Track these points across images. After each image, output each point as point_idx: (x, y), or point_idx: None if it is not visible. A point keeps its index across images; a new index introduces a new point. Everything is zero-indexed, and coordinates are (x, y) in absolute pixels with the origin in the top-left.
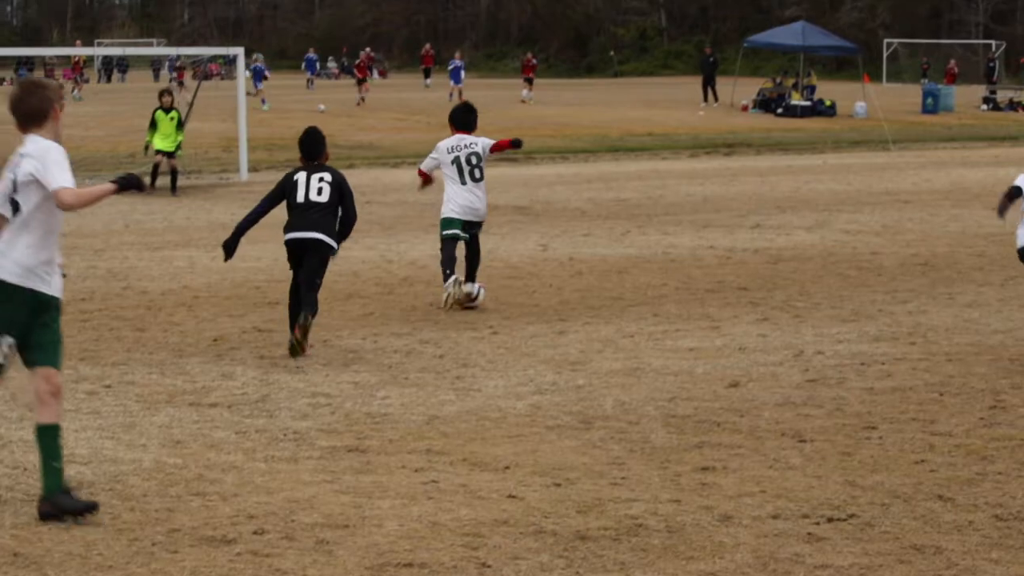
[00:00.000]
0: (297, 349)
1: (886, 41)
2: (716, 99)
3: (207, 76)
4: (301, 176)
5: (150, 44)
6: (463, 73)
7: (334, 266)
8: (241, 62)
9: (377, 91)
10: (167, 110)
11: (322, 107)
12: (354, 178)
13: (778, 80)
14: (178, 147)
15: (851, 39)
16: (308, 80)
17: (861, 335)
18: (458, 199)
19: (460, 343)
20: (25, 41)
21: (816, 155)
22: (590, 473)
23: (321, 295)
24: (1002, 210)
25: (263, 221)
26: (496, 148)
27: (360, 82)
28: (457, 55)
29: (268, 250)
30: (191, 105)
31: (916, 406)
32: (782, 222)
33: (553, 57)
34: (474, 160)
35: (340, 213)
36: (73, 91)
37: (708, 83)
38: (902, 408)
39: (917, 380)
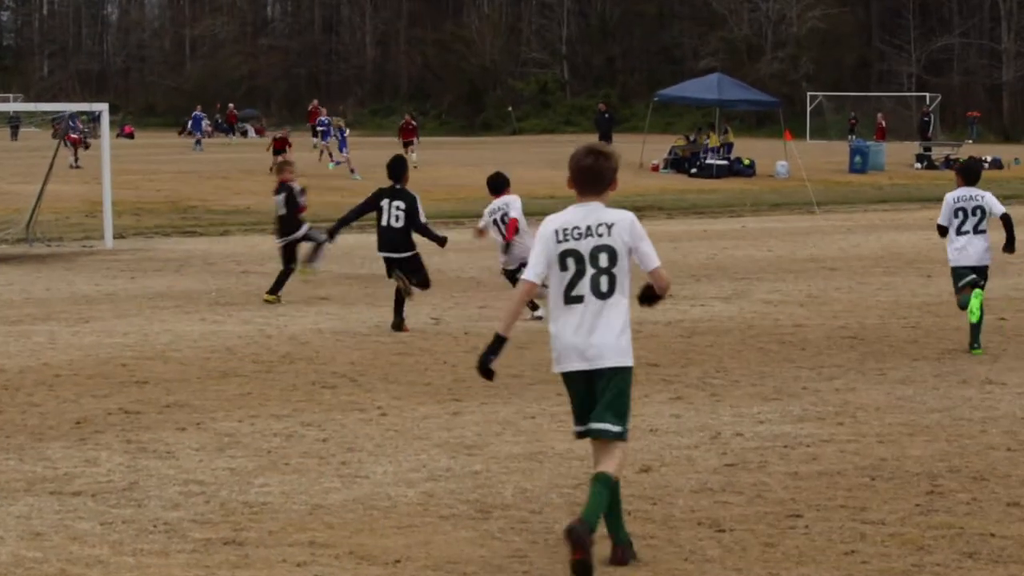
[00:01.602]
0: (406, 292)
1: (810, 94)
2: None
3: (83, 138)
4: (385, 202)
5: (6, 99)
6: (333, 132)
7: (206, 342)
8: (106, 118)
9: (250, 151)
10: None
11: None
12: (228, 245)
13: (692, 137)
14: None
15: (771, 92)
16: (196, 140)
17: (784, 415)
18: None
19: (345, 425)
20: None
21: (734, 219)
22: (488, 567)
23: (191, 374)
24: None
25: (129, 293)
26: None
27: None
28: (324, 111)
29: (135, 324)
30: (50, 166)
31: (845, 492)
32: (697, 292)
33: (446, 113)
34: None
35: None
36: None
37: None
38: (830, 495)
39: (846, 464)
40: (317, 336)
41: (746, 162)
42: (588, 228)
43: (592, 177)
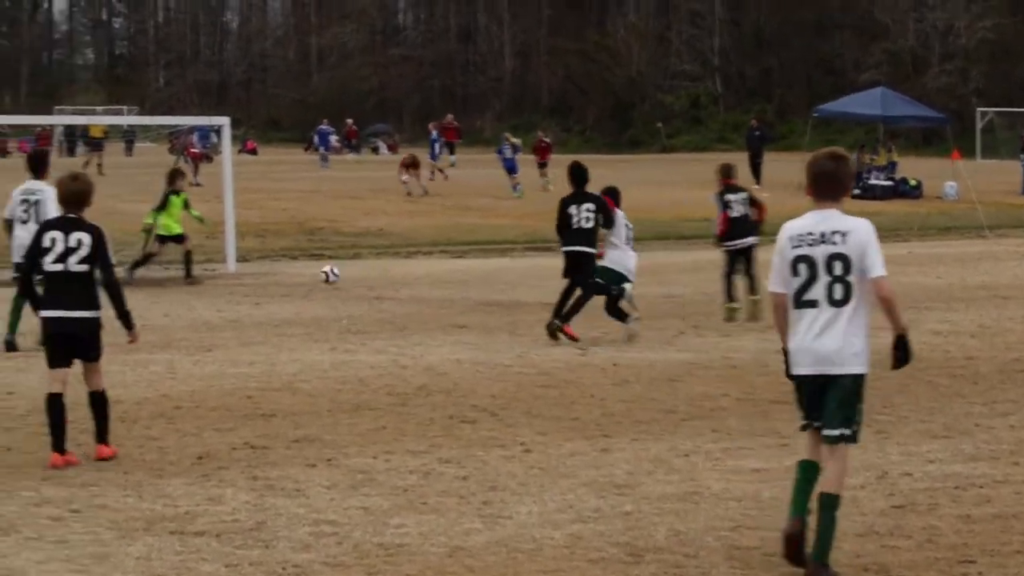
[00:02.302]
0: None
1: (980, 110)
2: (757, 180)
3: (206, 153)
4: (573, 208)
5: (120, 112)
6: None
7: (336, 373)
8: (227, 133)
9: (380, 168)
10: (179, 192)
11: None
12: (359, 270)
13: (853, 155)
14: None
15: (939, 108)
16: (322, 156)
17: (955, 454)
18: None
19: (487, 462)
20: None
21: (900, 243)
22: None
23: (321, 406)
24: None
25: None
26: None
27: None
28: (431, 125)
29: (261, 353)
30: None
31: (1021, 536)
32: None
33: (590, 129)
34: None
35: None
36: None
37: (754, 161)
38: (1004, 539)
39: (1022, 506)
40: (456, 367)
41: (912, 183)
42: (822, 235)
43: (831, 182)
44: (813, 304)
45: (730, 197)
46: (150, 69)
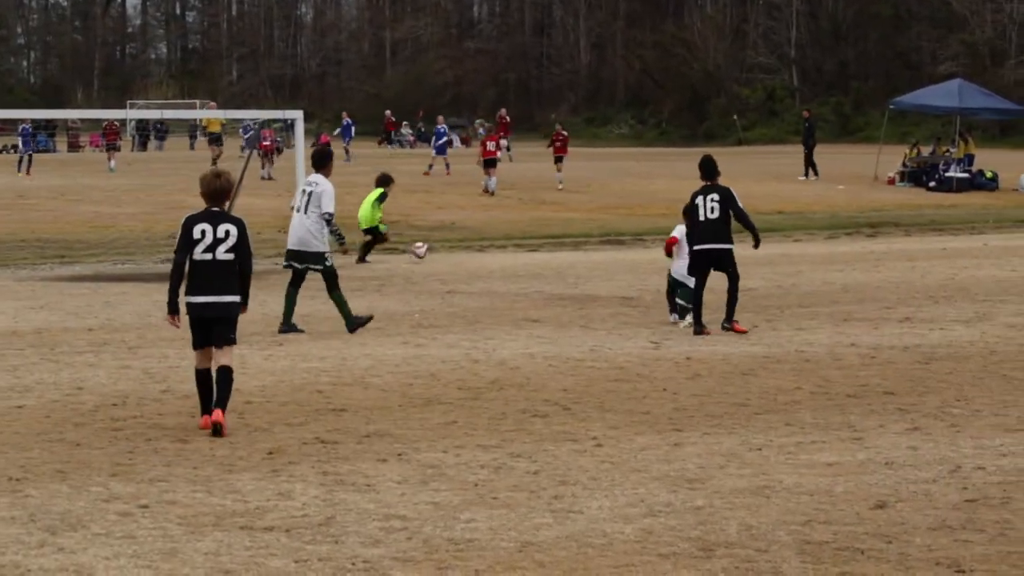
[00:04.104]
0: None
1: None
2: (807, 172)
3: (277, 145)
4: (700, 198)
5: (193, 106)
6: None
7: (408, 367)
8: (300, 127)
9: (460, 161)
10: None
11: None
12: (431, 264)
13: (931, 148)
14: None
15: (1016, 100)
16: (345, 150)
17: None
18: None
19: (558, 457)
20: (44, 102)
21: (975, 236)
22: None
23: (392, 401)
24: None
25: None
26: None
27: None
28: (439, 119)
29: (333, 347)
30: (241, 178)
31: None
32: (935, 315)
33: (666, 122)
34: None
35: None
36: (110, 162)
37: (807, 151)
38: None
39: None
40: (528, 361)
41: (988, 175)
42: None
43: None
44: None
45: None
46: (223, 63)
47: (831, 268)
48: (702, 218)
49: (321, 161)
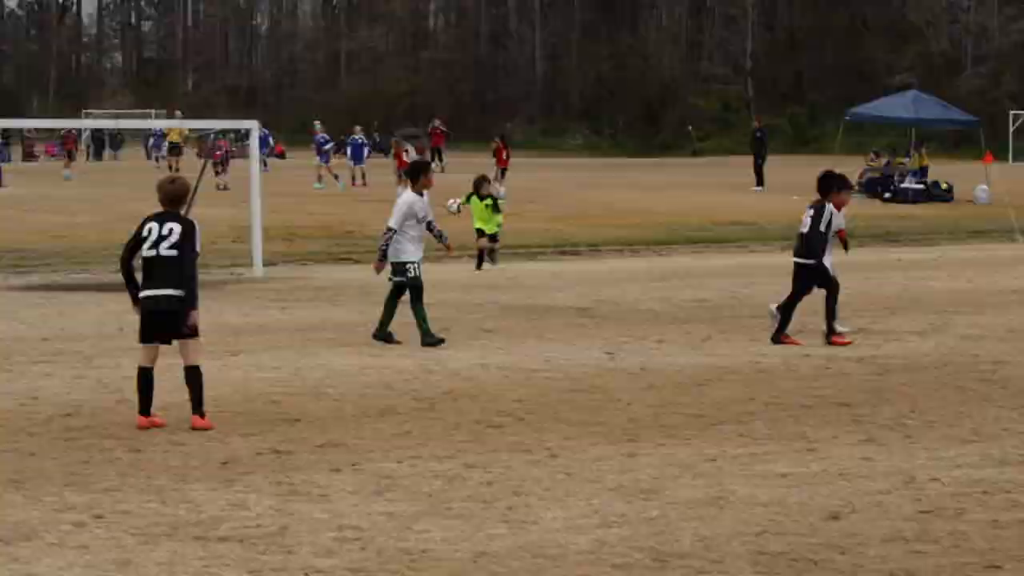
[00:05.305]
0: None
1: (1012, 113)
2: (758, 183)
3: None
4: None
5: (148, 116)
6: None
7: (363, 378)
8: (255, 137)
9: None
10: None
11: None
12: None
13: (886, 159)
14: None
15: (971, 111)
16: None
17: (984, 458)
18: None
19: (512, 468)
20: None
21: (930, 247)
22: None
23: (347, 412)
24: None
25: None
26: None
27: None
28: (318, 125)
29: (287, 358)
30: (195, 189)
31: None
32: (890, 326)
33: (621, 132)
34: None
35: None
36: (66, 170)
37: (756, 161)
38: None
39: None
40: (482, 371)
41: (944, 186)
42: None
43: None
44: None
45: None
46: (179, 72)
47: (786, 279)
48: (800, 230)
49: (414, 176)
